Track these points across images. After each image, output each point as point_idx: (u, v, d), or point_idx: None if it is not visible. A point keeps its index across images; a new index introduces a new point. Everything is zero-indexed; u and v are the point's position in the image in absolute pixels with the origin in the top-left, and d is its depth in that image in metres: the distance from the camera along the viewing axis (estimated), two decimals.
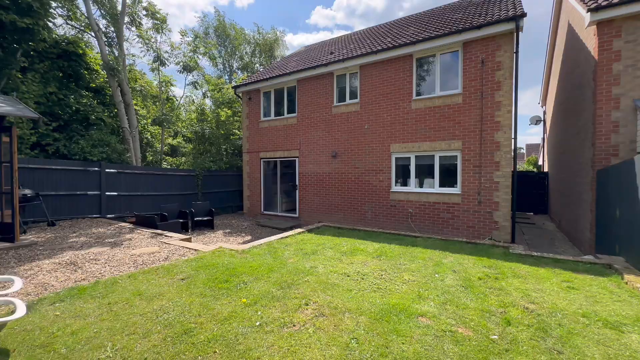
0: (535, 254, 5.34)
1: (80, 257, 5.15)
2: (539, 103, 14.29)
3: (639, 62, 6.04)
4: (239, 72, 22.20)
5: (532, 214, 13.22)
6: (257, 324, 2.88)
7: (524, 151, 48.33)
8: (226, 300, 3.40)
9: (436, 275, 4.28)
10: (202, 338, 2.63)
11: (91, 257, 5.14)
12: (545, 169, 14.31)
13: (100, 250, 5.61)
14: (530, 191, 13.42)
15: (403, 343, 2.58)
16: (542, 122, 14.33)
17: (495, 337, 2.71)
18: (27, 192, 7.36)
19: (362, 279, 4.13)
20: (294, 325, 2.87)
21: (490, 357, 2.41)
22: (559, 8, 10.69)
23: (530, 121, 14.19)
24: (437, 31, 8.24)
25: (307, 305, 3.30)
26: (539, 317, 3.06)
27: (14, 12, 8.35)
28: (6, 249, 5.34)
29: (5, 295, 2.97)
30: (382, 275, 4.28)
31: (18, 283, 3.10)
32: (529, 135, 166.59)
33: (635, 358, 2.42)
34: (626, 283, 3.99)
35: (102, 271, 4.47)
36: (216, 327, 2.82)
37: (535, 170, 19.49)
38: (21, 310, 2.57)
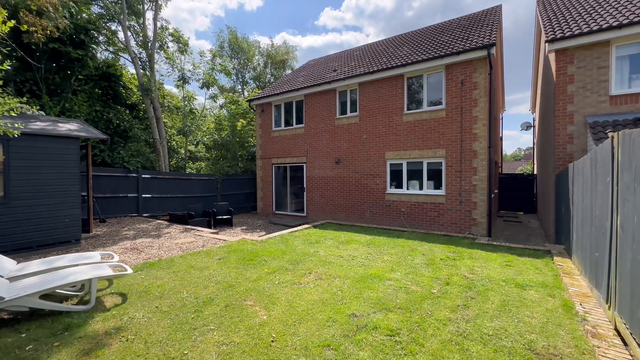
0: (495, 243, 6.62)
1: (138, 244, 6.71)
2: (529, 110, 15.32)
3: (588, 85, 7.24)
4: (251, 82, 23.92)
5: (522, 213, 14.27)
6: (276, 282, 4.32)
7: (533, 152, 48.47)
8: (253, 271, 4.85)
9: (409, 257, 5.63)
10: (242, 289, 4.08)
11: (146, 245, 6.69)
12: (536, 172, 15.32)
13: (150, 240, 7.17)
14: (521, 192, 14.47)
15: (371, 292, 3.96)
16: (532, 127, 15.36)
17: (435, 291, 4.06)
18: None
19: (352, 259, 5.52)
20: (300, 284, 4.29)
21: (426, 300, 3.77)
22: (539, 26, 11.80)
23: (521, 127, 15.25)
24: (424, 55, 9.56)
25: (310, 273, 4.71)
26: (471, 281, 4.39)
27: (70, 45, 10.11)
28: (82, 238, 6.94)
29: (116, 261, 4.48)
30: (367, 256, 5.66)
31: (116, 256, 4.64)
32: None
33: (521, 301, 3.73)
34: (553, 263, 5.25)
35: (159, 253, 6.00)
36: (249, 284, 4.27)
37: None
38: (129, 270, 4.07)
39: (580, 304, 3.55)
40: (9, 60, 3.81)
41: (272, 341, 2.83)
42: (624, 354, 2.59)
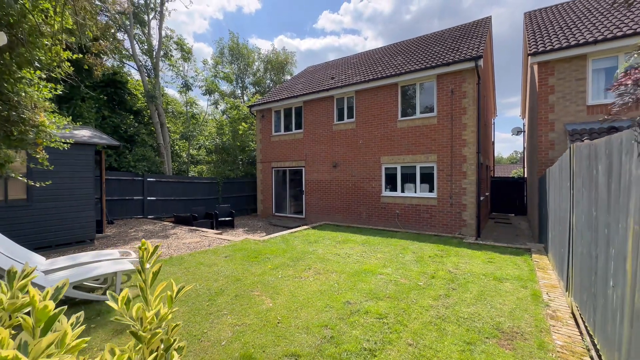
0: (481, 242, 7.12)
1: None
2: (520, 115, 15.91)
3: (567, 95, 7.79)
4: (251, 87, 24.48)
5: (513, 215, 14.81)
6: (279, 276, 4.79)
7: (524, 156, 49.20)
8: (258, 267, 5.32)
9: (400, 255, 6.11)
10: (248, 282, 4.55)
11: (155, 244, 7.12)
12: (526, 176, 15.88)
13: (158, 240, 7.61)
14: (512, 195, 15.02)
15: (364, 285, 4.44)
16: (522, 132, 15.96)
17: (421, 283, 4.55)
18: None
19: (348, 256, 6.00)
20: (301, 278, 4.76)
21: (412, 291, 4.25)
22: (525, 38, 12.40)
23: (512, 132, 15.84)
24: (417, 65, 10.11)
25: (310, 269, 5.19)
26: (454, 275, 4.88)
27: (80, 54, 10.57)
28: (95, 238, 7.38)
29: (134, 257, 4.94)
30: (362, 254, 6.15)
31: (133, 253, 5.09)
32: None
33: (496, 292, 4.22)
34: (531, 259, 5.76)
35: (169, 252, 6.45)
36: (255, 278, 4.74)
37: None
38: (147, 265, 4.53)
39: (547, 294, 4.05)
40: (62, 86, 4.32)
41: (278, 323, 3.30)
42: (574, 331, 3.09)
